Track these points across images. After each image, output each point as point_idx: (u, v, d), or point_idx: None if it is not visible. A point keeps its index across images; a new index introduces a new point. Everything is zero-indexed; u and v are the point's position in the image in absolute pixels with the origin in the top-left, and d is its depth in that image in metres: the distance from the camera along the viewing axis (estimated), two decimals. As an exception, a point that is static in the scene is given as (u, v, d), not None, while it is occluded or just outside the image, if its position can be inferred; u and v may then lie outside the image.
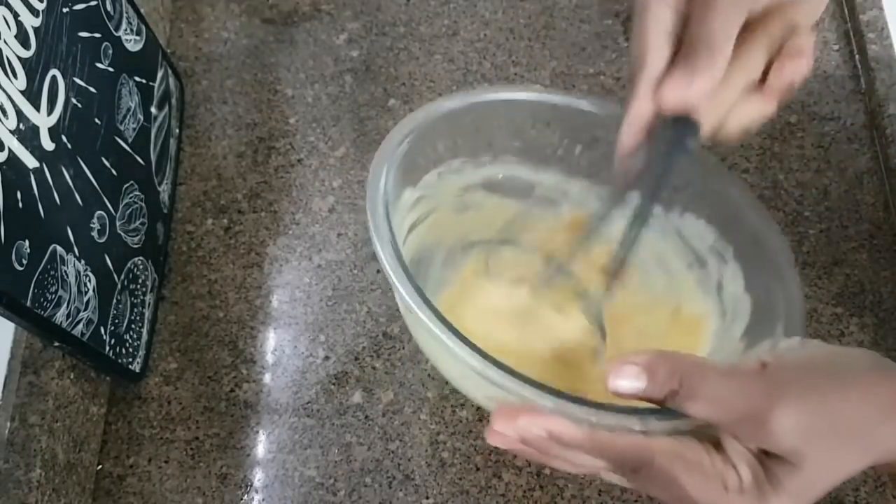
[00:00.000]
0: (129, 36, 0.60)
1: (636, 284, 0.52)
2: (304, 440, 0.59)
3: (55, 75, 0.49)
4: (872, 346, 0.59)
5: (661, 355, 0.33)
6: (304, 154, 0.69)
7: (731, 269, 0.48)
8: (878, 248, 0.63)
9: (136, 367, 0.59)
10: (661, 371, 0.33)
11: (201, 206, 0.67)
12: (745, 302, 0.46)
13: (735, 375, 0.32)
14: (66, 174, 0.49)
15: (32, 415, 0.53)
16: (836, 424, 0.31)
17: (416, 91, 0.71)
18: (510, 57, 0.73)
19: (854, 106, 0.69)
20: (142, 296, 0.60)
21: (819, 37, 0.72)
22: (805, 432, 0.31)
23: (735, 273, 0.48)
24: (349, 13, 0.75)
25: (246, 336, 0.62)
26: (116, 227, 0.56)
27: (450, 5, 0.75)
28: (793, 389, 0.31)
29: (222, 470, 0.58)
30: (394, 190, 0.44)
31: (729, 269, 0.48)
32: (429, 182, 0.49)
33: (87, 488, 0.57)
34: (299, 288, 0.64)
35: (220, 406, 0.60)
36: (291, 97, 0.72)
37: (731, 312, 0.47)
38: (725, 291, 0.48)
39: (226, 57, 0.74)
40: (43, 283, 0.46)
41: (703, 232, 0.49)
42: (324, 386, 0.60)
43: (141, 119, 0.61)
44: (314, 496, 0.57)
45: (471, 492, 0.56)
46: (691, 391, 0.32)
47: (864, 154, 0.67)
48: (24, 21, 0.46)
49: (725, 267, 0.48)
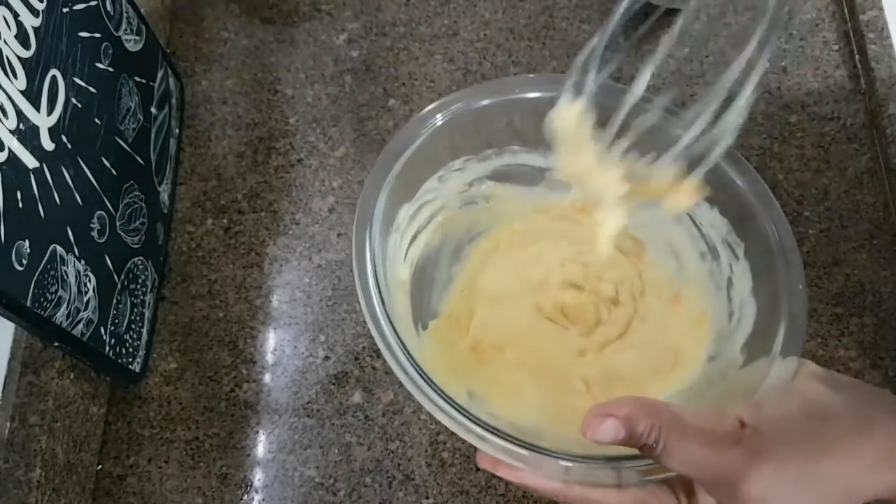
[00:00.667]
0: (129, 36, 0.60)
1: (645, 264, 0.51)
2: (304, 440, 0.59)
3: (55, 75, 0.49)
4: (872, 347, 0.59)
5: (643, 408, 0.34)
6: (304, 154, 0.69)
7: (741, 267, 0.47)
8: (878, 248, 0.63)
9: (136, 367, 0.59)
10: (641, 425, 0.33)
11: (201, 206, 0.67)
12: (750, 306, 0.45)
13: (713, 439, 0.33)
14: (66, 174, 0.49)
15: (32, 415, 0.53)
16: (813, 491, 0.32)
17: (416, 91, 0.71)
18: (510, 57, 0.73)
19: (854, 106, 0.69)
20: (142, 296, 0.60)
21: (819, 37, 0.72)
22: (776, 501, 0.32)
23: (744, 272, 0.47)
24: (349, 13, 0.75)
25: (246, 336, 0.62)
26: (116, 227, 0.56)
27: (450, 5, 0.75)
28: (768, 461, 0.32)
29: (222, 470, 0.58)
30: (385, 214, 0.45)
31: (740, 266, 0.47)
32: (428, 189, 0.49)
33: (87, 488, 0.57)
34: (299, 288, 0.64)
35: (220, 406, 0.60)
36: (291, 97, 0.72)
37: (737, 314, 0.46)
38: (735, 290, 0.47)
39: (226, 57, 0.74)
40: (43, 283, 0.46)
41: (717, 222, 0.48)
42: (324, 386, 0.60)
43: (141, 119, 0.61)
44: (314, 496, 0.57)
45: (471, 492, 0.56)
46: (669, 449, 0.33)
47: (864, 154, 0.67)
48: (24, 21, 0.46)
49: (737, 264, 0.47)
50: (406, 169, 0.46)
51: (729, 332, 0.46)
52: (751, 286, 0.46)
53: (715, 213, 0.47)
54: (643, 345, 0.49)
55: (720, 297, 0.48)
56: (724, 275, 0.48)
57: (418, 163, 0.47)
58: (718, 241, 0.48)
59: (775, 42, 0.41)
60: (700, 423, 0.34)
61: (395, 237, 0.47)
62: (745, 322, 0.45)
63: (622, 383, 0.48)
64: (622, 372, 0.48)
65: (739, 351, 0.45)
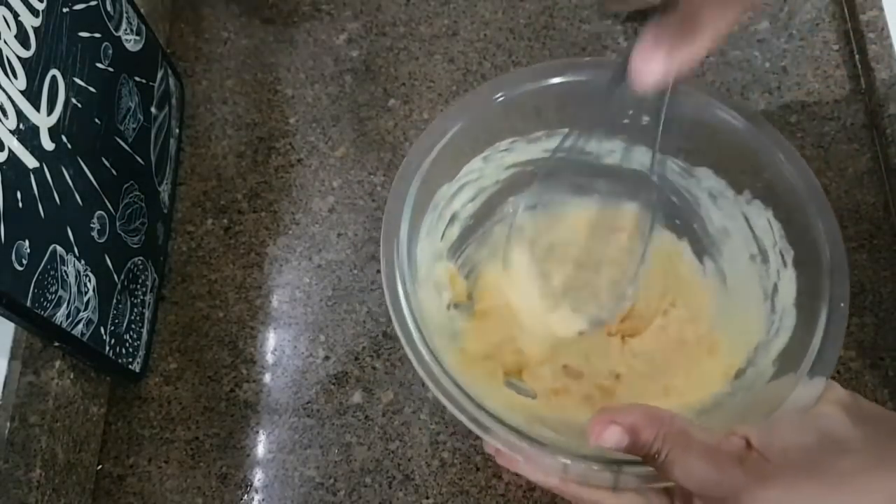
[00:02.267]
0: (129, 36, 0.60)
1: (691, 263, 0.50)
2: (304, 440, 0.59)
3: (55, 75, 0.49)
4: (872, 347, 0.59)
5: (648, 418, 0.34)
6: (304, 154, 0.69)
7: (788, 275, 0.45)
8: (878, 248, 0.63)
9: (136, 367, 0.59)
10: (644, 434, 0.34)
11: (201, 206, 0.67)
12: (790, 317, 0.44)
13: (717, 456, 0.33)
14: (66, 174, 0.49)
15: (32, 415, 0.53)
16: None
17: (416, 91, 0.71)
18: (510, 57, 0.73)
19: (854, 106, 0.69)
20: (142, 296, 0.60)
21: (819, 37, 0.72)
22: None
23: (790, 280, 0.44)
24: (349, 13, 0.75)
25: (246, 336, 0.62)
26: (116, 227, 0.56)
27: (450, 5, 0.75)
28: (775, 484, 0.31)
29: (222, 470, 0.58)
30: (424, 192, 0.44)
31: (787, 274, 0.45)
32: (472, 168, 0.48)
33: (87, 488, 0.57)
34: (299, 288, 0.64)
35: (220, 406, 0.60)
36: (291, 97, 0.72)
37: (776, 324, 0.44)
38: (779, 297, 0.45)
39: (226, 57, 0.74)
40: (43, 283, 0.46)
41: (769, 226, 0.45)
42: (324, 386, 0.60)
43: (141, 119, 0.61)
44: (314, 496, 0.57)
45: (471, 492, 0.56)
46: (672, 461, 0.33)
47: (864, 154, 0.67)
48: (24, 21, 0.46)
49: (784, 271, 0.45)
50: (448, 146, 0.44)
51: (766, 342, 0.45)
52: (794, 296, 0.44)
53: (770, 216, 0.45)
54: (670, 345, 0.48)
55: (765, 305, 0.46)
56: (772, 280, 0.46)
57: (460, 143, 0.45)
58: (770, 244, 0.46)
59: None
60: (705, 438, 0.34)
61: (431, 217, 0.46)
62: (783, 333, 0.44)
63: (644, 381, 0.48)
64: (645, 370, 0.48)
65: (772, 363, 0.43)
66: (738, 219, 0.47)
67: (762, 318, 0.45)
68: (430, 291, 0.46)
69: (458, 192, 0.48)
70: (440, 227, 0.48)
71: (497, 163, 0.49)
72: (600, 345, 0.50)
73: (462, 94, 0.71)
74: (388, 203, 0.43)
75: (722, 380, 0.46)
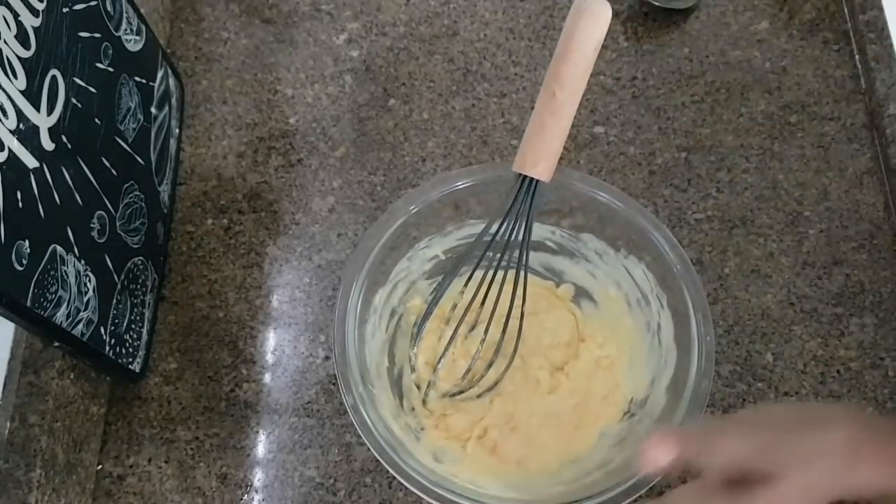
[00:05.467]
0: (129, 36, 0.60)
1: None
2: (304, 440, 0.59)
3: (55, 75, 0.49)
4: (872, 347, 0.59)
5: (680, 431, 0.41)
6: (304, 154, 0.69)
7: (666, 315, 0.54)
8: (878, 248, 0.63)
9: (136, 367, 0.59)
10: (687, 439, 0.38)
11: (201, 206, 0.67)
12: (672, 352, 0.53)
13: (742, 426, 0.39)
14: (66, 174, 0.49)
15: (32, 415, 0.53)
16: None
17: (416, 91, 0.71)
18: (510, 57, 0.73)
19: (854, 106, 0.69)
20: (142, 296, 0.60)
21: (819, 37, 0.72)
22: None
23: (668, 321, 0.54)
24: (349, 13, 0.75)
25: (246, 336, 0.62)
26: (116, 227, 0.56)
27: (450, 5, 0.75)
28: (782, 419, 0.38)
29: (222, 470, 0.58)
30: (362, 307, 0.53)
31: (665, 314, 0.54)
32: (400, 269, 0.57)
33: (87, 488, 0.57)
34: (299, 288, 0.64)
35: (220, 406, 0.60)
36: (291, 97, 0.72)
37: (663, 357, 0.54)
38: (662, 333, 0.55)
39: (226, 57, 0.74)
40: (43, 283, 0.46)
41: (644, 275, 0.56)
42: (324, 386, 0.60)
43: (141, 119, 0.61)
44: (314, 496, 0.57)
45: (471, 492, 0.56)
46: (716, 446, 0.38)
47: (864, 154, 0.67)
48: (24, 21, 0.46)
49: (663, 312, 0.55)
50: (374, 266, 0.54)
51: (658, 375, 0.54)
52: (673, 334, 0.53)
53: (643, 268, 0.55)
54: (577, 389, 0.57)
55: (653, 341, 0.55)
56: (655, 319, 0.55)
57: (386, 258, 0.55)
58: (648, 290, 0.56)
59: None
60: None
61: (371, 323, 0.55)
62: (669, 367, 0.53)
63: (558, 421, 0.56)
64: (560, 412, 0.56)
65: (664, 391, 0.52)
66: (620, 270, 0.57)
67: (654, 354, 0.55)
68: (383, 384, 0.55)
69: (392, 290, 0.57)
70: (383, 326, 0.57)
71: (420, 258, 0.58)
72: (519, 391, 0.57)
73: (462, 93, 0.71)
74: (335, 322, 0.51)
75: (624, 406, 0.56)
